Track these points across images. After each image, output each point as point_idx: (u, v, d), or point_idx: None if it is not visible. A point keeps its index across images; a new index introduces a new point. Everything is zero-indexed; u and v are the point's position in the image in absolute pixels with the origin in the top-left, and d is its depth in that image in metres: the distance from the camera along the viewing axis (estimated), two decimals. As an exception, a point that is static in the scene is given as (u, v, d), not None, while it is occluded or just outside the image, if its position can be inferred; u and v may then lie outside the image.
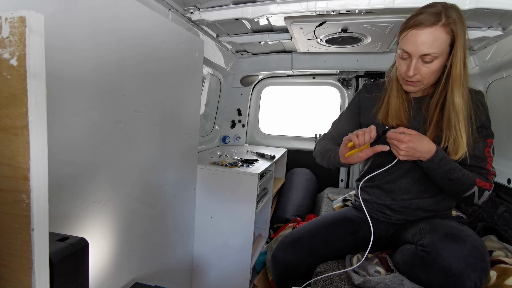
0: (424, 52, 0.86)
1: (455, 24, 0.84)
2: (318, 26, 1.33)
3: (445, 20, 0.83)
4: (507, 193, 1.39)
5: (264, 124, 2.62)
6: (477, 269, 0.75)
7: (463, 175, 0.89)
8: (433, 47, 0.85)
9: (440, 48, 0.85)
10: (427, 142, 0.86)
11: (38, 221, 0.39)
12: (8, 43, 0.36)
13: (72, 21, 0.74)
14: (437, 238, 0.82)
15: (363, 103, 1.15)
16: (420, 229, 0.90)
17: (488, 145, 0.95)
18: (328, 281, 1.00)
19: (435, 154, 0.86)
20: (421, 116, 1.00)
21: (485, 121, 0.95)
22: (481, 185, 0.91)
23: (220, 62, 1.97)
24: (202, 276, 1.61)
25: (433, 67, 0.88)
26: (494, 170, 0.95)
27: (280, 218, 2.00)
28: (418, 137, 0.85)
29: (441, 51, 0.86)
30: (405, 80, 0.95)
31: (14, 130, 0.38)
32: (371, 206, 1.13)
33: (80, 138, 0.80)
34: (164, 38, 1.12)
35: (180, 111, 1.29)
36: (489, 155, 0.94)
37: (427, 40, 0.85)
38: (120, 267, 1.00)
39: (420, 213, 1.05)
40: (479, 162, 0.94)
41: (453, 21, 0.84)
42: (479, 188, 0.91)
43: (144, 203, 1.11)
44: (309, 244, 1.09)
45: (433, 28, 0.84)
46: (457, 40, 0.85)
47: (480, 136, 0.94)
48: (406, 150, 0.84)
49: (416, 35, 0.86)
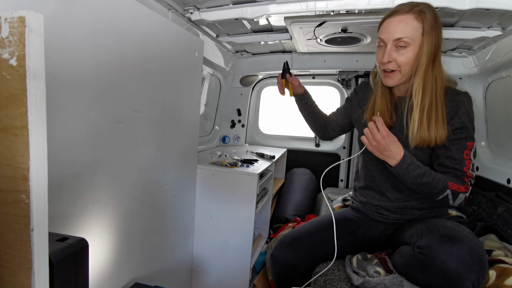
0: (396, 36, 0.91)
1: (425, 16, 0.89)
2: (318, 26, 1.33)
3: (416, 10, 0.90)
4: (507, 193, 1.39)
5: (264, 124, 2.62)
6: (475, 269, 0.75)
7: (433, 179, 0.90)
8: (404, 32, 0.90)
9: (411, 34, 0.90)
10: (398, 145, 0.89)
11: (38, 221, 0.39)
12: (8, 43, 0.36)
13: (72, 21, 0.74)
14: (434, 239, 0.83)
15: (354, 99, 1.23)
16: (417, 230, 0.91)
17: (467, 148, 0.94)
18: (328, 281, 1.00)
19: (402, 159, 0.88)
20: (404, 115, 1.01)
21: (466, 122, 0.94)
22: (454, 188, 0.91)
23: (220, 62, 1.97)
24: (202, 276, 1.61)
25: (408, 55, 0.92)
26: (472, 173, 0.94)
27: (280, 218, 2.00)
28: (393, 138, 0.88)
29: (413, 37, 0.90)
30: (383, 72, 0.98)
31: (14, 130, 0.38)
32: (368, 207, 1.15)
33: (80, 138, 0.80)
34: (163, 38, 1.12)
35: (180, 111, 1.29)
36: (468, 158, 0.94)
37: (399, 25, 0.91)
38: (120, 267, 1.00)
39: (415, 211, 1.06)
40: (455, 164, 0.94)
41: (425, 13, 0.89)
42: (452, 191, 0.91)
43: (143, 203, 1.10)
44: (308, 243, 1.09)
45: (404, 15, 0.90)
46: (425, 33, 0.89)
47: (459, 138, 0.94)
48: (379, 143, 0.87)
49: (389, 22, 0.93)
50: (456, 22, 1.29)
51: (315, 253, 1.09)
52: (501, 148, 1.56)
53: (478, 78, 1.64)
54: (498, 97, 1.53)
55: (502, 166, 1.50)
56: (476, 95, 1.68)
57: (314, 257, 1.09)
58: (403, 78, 0.96)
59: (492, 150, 1.64)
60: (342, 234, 1.11)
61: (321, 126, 1.34)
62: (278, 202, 2.24)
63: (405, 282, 0.86)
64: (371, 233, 1.13)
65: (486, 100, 1.63)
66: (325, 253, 1.09)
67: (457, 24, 1.31)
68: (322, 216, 1.24)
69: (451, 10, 1.08)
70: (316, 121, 1.34)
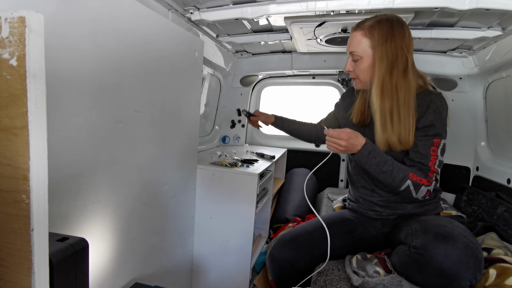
0: (349, 49, 1.04)
1: (373, 32, 0.97)
2: (318, 26, 1.33)
3: (366, 25, 0.98)
4: (507, 193, 1.39)
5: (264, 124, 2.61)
6: (471, 267, 0.76)
7: (394, 168, 0.95)
8: (354, 47, 1.01)
9: (360, 49, 1.00)
10: (361, 137, 0.97)
11: (38, 222, 0.39)
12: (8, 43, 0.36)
13: (72, 21, 0.74)
14: (429, 239, 0.83)
15: (341, 104, 1.29)
16: (411, 230, 0.92)
17: (434, 144, 0.97)
18: (328, 281, 1.00)
19: (363, 147, 0.96)
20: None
21: (433, 120, 0.97)
22: (415, 179, 0.95)
23: (220, 62, 1.97)
24: (202, 276, 1.61)
25: (361, 66, 1.02)
26: (437, 169, 0.98)
27: (280, 218, 2.00)
28: (354, 133, 0.96)
29: (363, 52, 1.00)
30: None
31: (14, 130, 0.38)
32: (362, 206, 1.17)
33: (80, 138, 0.80)
34: (163, 38, 1.12)
35: (180, 111, 1.29)
36: (434, 154, 0.97)
37: (351, 40, 1.03)
38: (120, 267, 1.00)
39: (407, 205, 1.08)
40: (421, 158, 0.98)
41: (373, 29, 0.97)
42: (413, 182, 0.95)
43: (144, 203, 1.10)
44: (306, 242, 1.10)
45: (355, 32, 1.01)
46: (375, 46, 0.97)
47: (426, 135, 0.98)
48: (346, 146, 0.95)
49: (350, 36, 1.04)
50: (456, 22, 1.29)
51: (313, 251, 1.09)
52: (501, 148, 1.56)
53: (478, 78, 1.64)
54: (498, 97, 1.53)
55: (502, 166, 1.50)
56: (476, 95, 1.68)
57: (312, 256, 1.09)
58: (364, 84, 1.06)
59: (492, 150, 1.64)
60: (340, 233, 1.12)
61: (310, 137, 1.46)
62: (278, 202, 2.24)
63: (404, 282, 0.86)
64: (368, 231, 1.14)
65: (486, 100, 1.63)
66: (323, 251, 1.09)
67: (457, 24, 1.31)
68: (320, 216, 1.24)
69: (451, 10, 1.08)
70: (302, 135, 1.47)
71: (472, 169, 1.78)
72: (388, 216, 1.11)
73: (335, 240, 1.09)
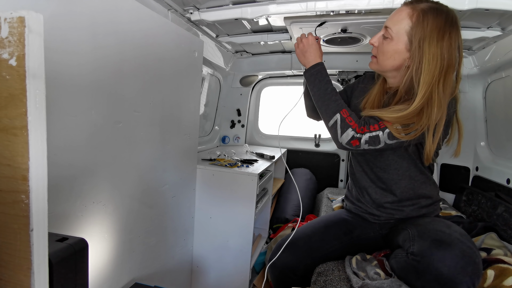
0: (386, 23, 0.92)
1: (421, 17, 0.83)
2: (318, 26, 1.33)
3: (418, 6, 0.85)
4: (507, 193, 1.39)
5: (264, 124, 2.62)
6: (469, 272, 0.75)
7: (333, 95, 0.96)
8: (392, 22, 0.89)
9: (395, 25, 0.88)
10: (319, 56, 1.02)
11: (38, 222, 0.39)
12: (7, 43, 0.36)
13: (72, 22, 0.74)
14: (426, 245, 0.82)
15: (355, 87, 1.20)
16: (408, 235, 0.89)
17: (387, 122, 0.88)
18: (328, 282, 1.00)
19: (314, 65, 1.00)
20: None
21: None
22: (345, 116, 0.92)
23: (220, 62, 1.97)
24: (201, 276, 1.61)
25: (386, 46, 0.91)
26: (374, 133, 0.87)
27: (279, 218, 2.00)
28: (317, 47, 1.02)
29: (396, 31, 0.88)
30: None
31: (13, 130, 0.38)
32: (360, 209, 1.16)
33: (80, 139, 0.80)
34: (163, 39, 1.12)
35: (179, 111, 1.29)
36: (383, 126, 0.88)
37: (394, 14, 0.90)
38: (119, 268, 1.00)
39: (404, 208, 1.06)
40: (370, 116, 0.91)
41: (421, 10, 0.83)
42: (342, 119, 0.92)
43: (143, 203, 1.10)
44: (305, 245, 1.09)
45: (404, 6, 0.89)
46: (413, 35, 0.84)
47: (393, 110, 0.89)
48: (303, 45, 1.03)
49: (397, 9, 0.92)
50: (456, 22, 1.29)
51: (313, 254, 1.08)
52: (501, 148, 1.56)
53: (478, 78, 1.64)
54: (497, 97, 1.53)
55: (502, 166, 1.50)
56: (476, 95, 1.68)
57: (312, 258, 1.09)
58: (379, 68, 0.97)
59: (492, 150, 1.64)
60: (339, 234, 1.11)
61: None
62: (278, 202, 2.24)
63: (403, 286, 0.85)
64: (366, 232, 1.13)
65: (486, 100, 1.63)
66: (323, 253, 1.09)
67: (457, 24, 1.31)
68: (318, 218, 1.25)
69: (451, 10, 1.08)
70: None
71: (472, 169, 1.78)
72: (386, 221, 1.09)
73: (333, 242, 1.09)
